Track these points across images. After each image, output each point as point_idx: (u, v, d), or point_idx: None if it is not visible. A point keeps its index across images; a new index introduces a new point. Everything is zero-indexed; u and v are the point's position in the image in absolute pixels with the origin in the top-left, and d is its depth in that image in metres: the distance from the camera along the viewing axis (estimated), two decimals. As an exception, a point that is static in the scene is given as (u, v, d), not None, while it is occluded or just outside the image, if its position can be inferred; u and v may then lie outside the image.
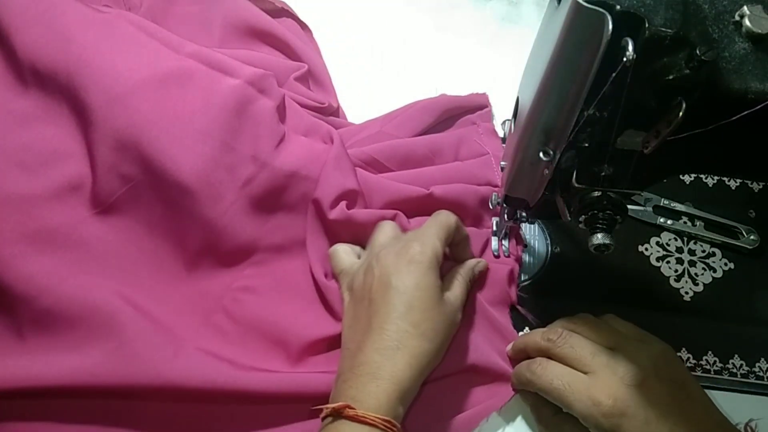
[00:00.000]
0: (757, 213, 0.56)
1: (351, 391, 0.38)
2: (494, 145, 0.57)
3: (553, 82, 0.33)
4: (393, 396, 0.38)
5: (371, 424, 0.37)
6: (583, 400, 0.40)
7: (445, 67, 0.63)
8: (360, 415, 0.37)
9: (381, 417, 0.37)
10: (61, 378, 0.40)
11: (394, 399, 0.38)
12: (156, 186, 0.45)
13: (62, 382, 0.40)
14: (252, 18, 0.59)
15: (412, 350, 0.39)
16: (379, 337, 0.40)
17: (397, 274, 0.41)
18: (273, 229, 0.48)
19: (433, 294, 0.41)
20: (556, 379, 0.41)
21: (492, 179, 0.54)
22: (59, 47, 0.46)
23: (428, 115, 0.57)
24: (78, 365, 0.40)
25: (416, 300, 0.41)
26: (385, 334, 0.39)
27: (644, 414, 0.39)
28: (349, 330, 0.43)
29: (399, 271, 0.42)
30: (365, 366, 0.39)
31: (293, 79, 0.57)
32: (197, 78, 0.47)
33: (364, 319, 0.41)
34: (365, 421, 0.37)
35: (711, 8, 0.31)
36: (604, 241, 0.38)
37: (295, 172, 0.48)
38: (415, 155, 0.54)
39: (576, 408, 0.40)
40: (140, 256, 0.46)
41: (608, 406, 0.39)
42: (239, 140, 0.46)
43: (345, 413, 0.37)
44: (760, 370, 0.49)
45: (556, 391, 0.41)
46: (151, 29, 0.49)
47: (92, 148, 0.46)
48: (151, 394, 0.41)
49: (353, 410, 0.37)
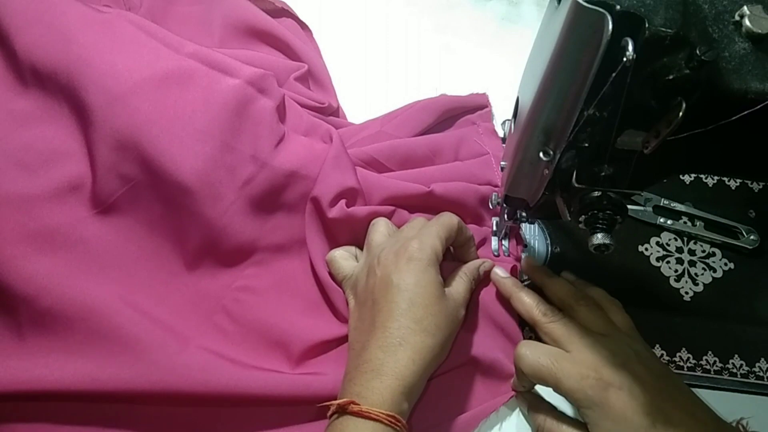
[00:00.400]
0: (757, 213, 0.56)
1: (356, 388, 0.39)
2: (494, 144, 0.57)
3: (553, 82, 0.33)
4: (397, 392, 0.38)
5: (375, 419, 0.37)
6: (571, 375, 0.41)
7: (444, 67, 0.63)
8: (364, 411, 0.37)
9: (385, 412, 0.37)
10: (61, 381, 0.40)
11: (399, 395, 0.38)
12: (156, 186, 0.45)
13: (62, 385, 0.40)
14: (252, 18, 0.59)
15: (414, 346, 0.40)
16: (383, 334, 0.40)
17: (398, 272, 0.42)
18: (273, 228, 0.48)
19: (434, 290, 0.42)
20: (543, 356, 0.42)
21: (492, 179, 0.54)
22: (59, 47, 0.46)
23: (428, 115, 0.57)
24: (78, 369, 0.40)
25: (417, 296, 0.41)
26: (388, 331, 0.40)
27: (629, 387, 0.40)
28: (354, 331, 0.44)
29: (399, 269, 0.42)
30: (369, 363, 0.39)
31: (293, 79, 0.56)
32: (197, 78, 0.47)
33: (369, 320, 0.42)
34: (370, 417, 0.37)
35: (711, 8, 0.31)
36: (604, 241, 0.38)
37: (294, 171, 0.48)
38: (415, 155, 0.54)
39: (564, 384, 0.41)
40: (140, 256, 0.46)
41: (594, 378, 0.40)
42: (239, 140, 0.46)
43: (350, 409, 0.37)
44: (760, 370, 0.49)
45: (545, 368, 0.42)
46: (151, 29, 0.49)
47: (92, 148, 0.46)
48: (151, 396, 0.41)
49: (357, 406, 0.37)
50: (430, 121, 0.57)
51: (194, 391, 0.41)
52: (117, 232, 0.46)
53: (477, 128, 0.58)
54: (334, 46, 0.63)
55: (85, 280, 0.43)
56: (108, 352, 0.41)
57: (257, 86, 0.49)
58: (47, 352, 0.41)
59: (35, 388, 0.40)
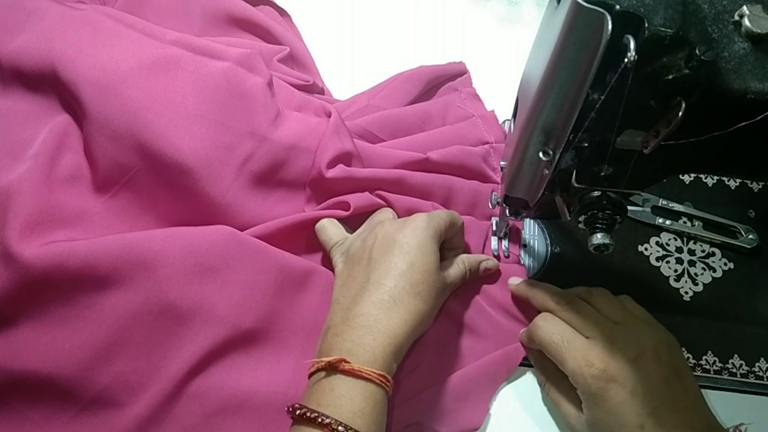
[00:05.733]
0: (756, 213, 0.56)
1: (346, 344, 0.38)
2: (478, 107, 0.59)
3: (552, 82, 0.33)
4: (388, 350, 0.38)
5: (367, 378, 0.36)
6: (576, 359, 0.41)
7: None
8: (356, 369, 0.36)
9: (377, 371, 0.37)
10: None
11: (390, 353, 0.38)
12: (157, 171, 0.45)
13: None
14: (231, 6, 0.60)
15: (408, 307, 0.40)
16: (377, 290, 0.40)
17: (402, 233, 0.42)
18: (275, 203, 0.49)
19: (433, 259, 0.42)
20: (557, 334, 0.42)
21: (483, 137, 0.56)
22: (42, 48, 0.47)
23: (413, 85, 0.58)
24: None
25: (417, 260, 0.41)
26: (383, 288, 0.40)
27: (632, 385, 0.40)
28: (342, 288, 0.43)
29: (404, 232, 0.42)
30: (361, 318, 0.39)
31: (276, 60, 0.57)
32: (184, 63, 0.47)
33: (361, 276, 0.42)
34: (361, 376, 0.36)
35: (710, 8, 0.31)
36: (603, 241, 0.38)
37: (294, 144, 0.48)
38: (405, 124, 0.56)
39: (568, 365, 0.41)
40: None
41: (599, 369, 0.40)
42: (234, 118, 0.47)
43: (341, 367, 0.36)
44: (759, 370, 0.49)
45: (554, 344, 0.42)
46: (130, 21, 0.50)
47: (90, 140, 0.46)
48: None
49: (349, 364, 0.36)
50: (416, 92, 0.58)
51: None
52: (123, 222, 0.46)
53: (460, 94, 0.60)
54: (318, 39, 0.63)
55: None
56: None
57: (246, 65, 0.49)
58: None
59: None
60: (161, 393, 0.40)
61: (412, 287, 0.40)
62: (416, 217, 0.44)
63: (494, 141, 0.56)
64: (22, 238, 0.40)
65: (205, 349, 0.41)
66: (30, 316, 0.41)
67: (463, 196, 0.53)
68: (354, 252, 0.44)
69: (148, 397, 0.40)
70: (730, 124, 0.31)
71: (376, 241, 0.43)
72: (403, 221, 0.44)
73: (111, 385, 0.40)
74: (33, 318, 0.41)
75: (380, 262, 0.41)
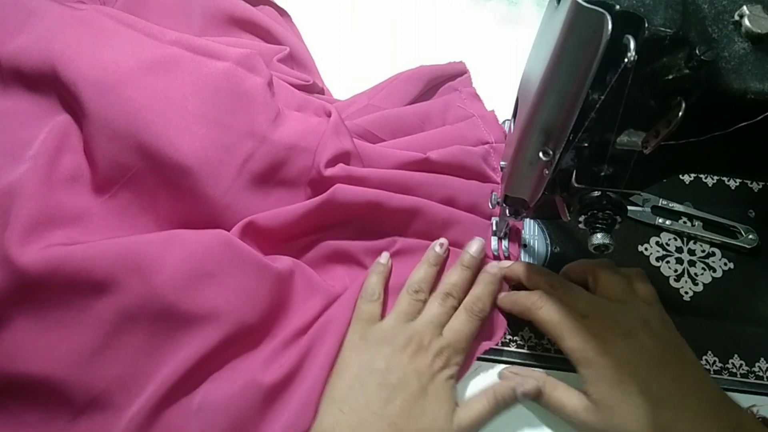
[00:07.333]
0: (756, 213, 0.56)
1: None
2: (478, 107, 0.59)
3: (552, 82, 0.33)
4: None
5: None
6: (574, 336, 0.42)
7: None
8: None
9: None
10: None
11: None
12: (157, 171, 0.45)
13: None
14: (231, 6, 0.60)
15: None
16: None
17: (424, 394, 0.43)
18: (275, 203, 0.49)
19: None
20: (556, 313, 0.43)
21: (483, 137, 0.56)
22: (42, 48, 0.47)
23: (413, 85, 0.59)
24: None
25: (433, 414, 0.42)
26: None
27: (629, 359, 0.41)
28: (348, 390, 0.42)
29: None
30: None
31: (276, 60, 0.57)
32: (184, 63, 0.47)
33: (376, 404, 0.41)
34: None
35: (710, 8, 0.31)
36: (603, 241, 0.38)
37: (294, 144, 0.48)
38: (405, 124, 0.56)
39: (567, 342, 0.42)
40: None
41: (594, 344, 0.41)
42: (234, 118, 0.47)
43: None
44: (759, 370, 0.49)
45: (552, 322, 0.43)
46: (129, 21, 0.50)
47: (90, 140, 0.46)
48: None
49: None
50: (416, 92, 0.59)
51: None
52: (122, 222, 0.46)
53: (459, 94, 0.60)
54: (318, 39, 0.63)
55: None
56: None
57: (245, 65, 0.49)
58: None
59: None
60: (157, 396, 0.40)
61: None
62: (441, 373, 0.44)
63: (494, 141, 0.56)
64: (23, 240, 0.40)
65: (201, 352, 0.41)
66: (26, 319, 0.40)
67: (463, 196, 0.52)
68: (386, 369, 0.43)
69: (145, 400, 0.40)
70: (730, 124, 0.31)
71: (406, 402, 0.42)
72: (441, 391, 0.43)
73: (108, 388, 0.40)
74: (29, 321, 0.40)
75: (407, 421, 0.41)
